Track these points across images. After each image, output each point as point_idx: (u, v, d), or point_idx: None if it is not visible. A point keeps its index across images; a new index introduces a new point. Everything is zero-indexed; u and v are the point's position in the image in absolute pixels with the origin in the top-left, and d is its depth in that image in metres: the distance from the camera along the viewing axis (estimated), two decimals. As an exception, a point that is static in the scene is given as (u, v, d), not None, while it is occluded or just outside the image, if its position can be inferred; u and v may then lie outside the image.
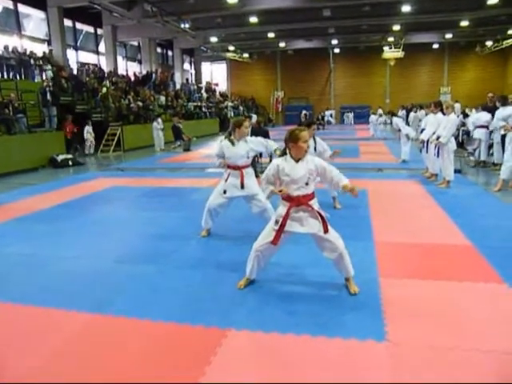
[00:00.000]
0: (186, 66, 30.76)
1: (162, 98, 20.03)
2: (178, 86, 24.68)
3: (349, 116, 32.05)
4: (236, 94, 32.70)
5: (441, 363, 2.31)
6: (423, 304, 2.96)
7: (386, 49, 28.11)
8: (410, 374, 2.23)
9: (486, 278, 3.35)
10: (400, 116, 12.77)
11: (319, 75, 33.47)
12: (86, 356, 2.47)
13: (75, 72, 17.43)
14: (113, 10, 18.90)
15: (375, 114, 21.42)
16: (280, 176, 3.05)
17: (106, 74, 18.98)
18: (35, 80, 14.45)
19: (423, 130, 8.20)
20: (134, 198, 7.06)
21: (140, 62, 24.64)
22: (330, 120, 31.12)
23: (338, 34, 26.40)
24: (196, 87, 26.84)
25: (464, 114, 14.10)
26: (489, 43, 28.04)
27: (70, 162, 11.10)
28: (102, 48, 21.84)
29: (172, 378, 2.24)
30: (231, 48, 28.95)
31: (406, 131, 10.11)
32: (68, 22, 19.01)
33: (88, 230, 5.09)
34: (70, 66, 17.45)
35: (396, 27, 23.52)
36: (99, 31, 21.72)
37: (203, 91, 27.28)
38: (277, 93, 33.78)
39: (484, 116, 8.94)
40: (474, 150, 9.10)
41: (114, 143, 14.40)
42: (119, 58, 22.67)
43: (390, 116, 11.23)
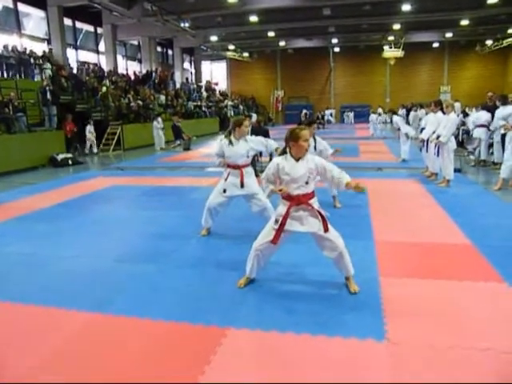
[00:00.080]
0: (186, 65, 30.75)
1: (162, 97, 20.03)
2: (177, 85, 24.69)
3: (349, 115, 32.04)
4: (236, 93, 32.70)
5: (441, 362, 2.31)
6: (423, 303, 2.96)
7: (386, 48, 28.12)
8: (409, 373, 2.23)
9: (486, 277, 3.35)
10: (400, 115, 12.75)
11: (319, 74, 33.47)
12: (86, 355, 2.47)
13: (75, 71, 17.44)
14: (113, 8, 18.89)
15: (375, 113, 21.40)
16: (280, 175, 3.05)
17: (106, 73, 18.98)
18: (35, 79, 14.45)
19: (423, 129, 8.20)
20: (133, 197, 7.06)
21: (140, 61, 24.64)
22: (330, 119, 31.12)
23: (338, 32, 26.41)
24: (196, 86, 26.85)
25: (464, 113, 14.10)
26: (489, 42, 28.06)
27: (70, 162, 11.10)
28: (101, 47, 21.84)
29: (172, 378, 2.24)
30: (231, 47, 28.95)
31: (405, 130, 10.10)
32: (68, 21, 19.01)
33: (88, 230, 5.09)
34: (69, 65, 17.45)
35: (396, 26, 23.53)
36: (99, 30, 21.71)
37: (203, 90, 27.28)
38: (277, 92, 33.77)
39: (484, 115, 8.94)
40: (474, 149, 9.10)
41: (114, 142, 14.40)
42: (119, 57, 22.67)
43: (390, 114, 11.20)
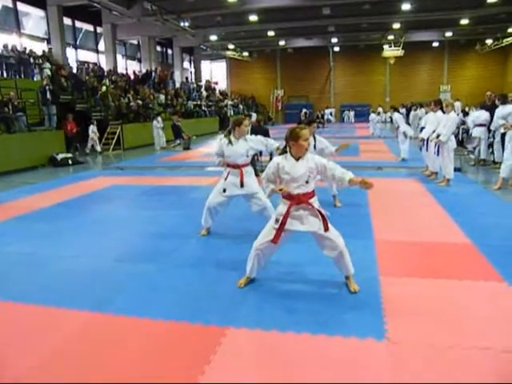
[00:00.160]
0: (186, 64, 30.74)
1: (162, 97, 20.03)
2: (177, 85, 24.69)
3: (349, 114, 32.03)
4: (236, 93, 32.69)
5: (440, 362, 2.31)
6: (423, 302, 2.96)
7: (386, 47, 28.11)
8: (409, 372, 2.23)
9: (486, 276, 3.35)
10: (401, 113, 12.71)
11: (319, 74, 33.47)
12: (86, 355, 2.47)
13: (75, 70, 17.43)
14: (112, 8, 18.87)
15: (375, 112, 21.40)
16: (280, 174, 3.04)
17: (106, 73, 18.97)
18: (34, 79, 14.44)
19: (423, 128, 8.19)
20: (133, 197, 7.06)
21: (140, 60, 24.63)
22: (330, 118, 31.12)
23: (338, 32, 26.40)
24: (196, 86, 26.84)
25: (464, 112, 14.10)
26: (489, 41, 28.06)
27: (70, 161, 11.09)
28: (101, 46, 21.83)
29: (171, 377, 2.24)
30: (231, 46, 28.93)
31: (403, 129, 10.09)
32: (67, 21, 19.00)
33: (88, 229, 5.09)
34: (69, 64, 17.44)
35: (396, 25, 23.52)
36: (99, 30, 21.71)
37: (203, 90, 27.27)
38: (277, 91, 33.76)
39: (483, 114, 8.94)
40: (474, 149, 9.10)
41: (114, 142, 14.40)
42: (119, 57, 22.66)
43: (392, 111, 11.16)
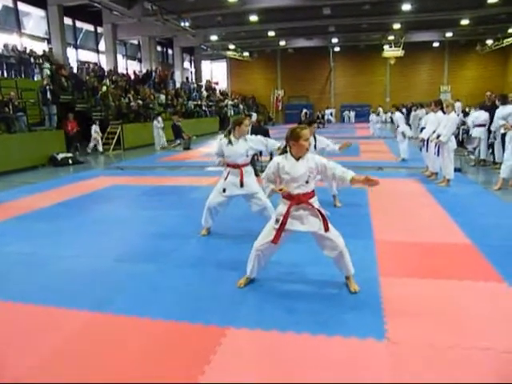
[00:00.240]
0: (186, 64, 30.74)
1: (162, 97, 20.03)
2: (178, 85, 24.69)
3: (350, 115, 32.03)
4: (236, 93, 32.68)
5: (440, 362, 2.31)
6: (423, 303, 2.96)
7: (387, 47, 28.08)
8: (409, 372, 2.23)
9: (486, 276, 3.35)
10: (403, 112, 12.69)
11: (319, 74, 33.47)
12: (86, 355, 2.47)
13: (75, 70, 17.44)
14: (113, 8, 18.87)
15: (375, 112, 21.40)
16: (280, 174, 3.04)
17: (106, 73, 18.98)
18: (35, 78, 14.44)
19: (423, 128, 8.19)
20: (133, 197, 7.06)
21: (140, 60, 24.63)
22: (330, 119, 31.12)
23: (339, 32, 26.40)
24: (196, 86, 26.84)
25: (464, 112, 14.10)
26: (489, 42, 28.04)
27: (70, 161, 11.10)
28: (101, 46, 21.84)
29: (171, 377, 2.24)
30: (231, 46, 28.93)
31: (402, 129, 10.08)
32: (68, 21, 19.01)
33: (88, 229, 5.09)
34: (69, 64, 17.44)
35: (396, 26, 23.51)
36: (99, 29, 21.71)
37: (203, 90, 27.26)
38: (277, 91, 33.75)
39: (482, 115, 8.94)
40: (474, 149, 9.10)
41: (114, 142, 14.40)
42: (119, 57, 22.67)
43: (394, 109, 11.13)
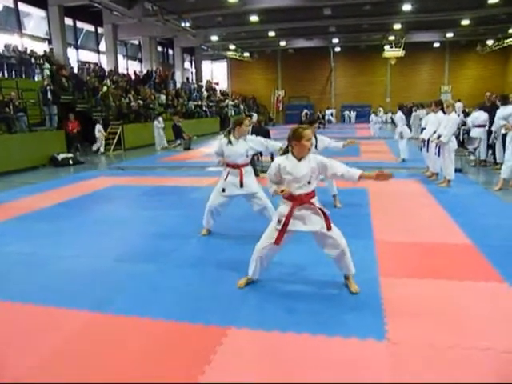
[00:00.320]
0: (187, 64, 30.75)
1: (163, 97, 20.04)
2: (178, 85, 24.70)
3: (350, 115, 32.03)
4: (236, 93, 32.68)
5: (441, 362, 2.30)
6: (423, 303, 2.95)
7: (387, 48, 28.07)
8: (410, 372, 2.22)
9: (487, 277, 3.35)
10: (405, 113, 12.63)
11: (320, 74, 33.46)
12: (86, 355, 2.47)
13: (76, 71, 17.44)
14: (113, 8, 18.88)
15: (375, 113, 21.39)
16: (282, 175, 3.02)
17: (107, 73, 18.99)
18: (36, 79, 14.45)
19: (423, 129, 8.18)
20: (134, 197, 7.06)
21: (140, 60, 24.64)
22: (331, 119, 31.12)
23: (339, 32, 26.39)
24: (196, 86, 26.84)
25: (465, 113, 14.09)
26: (490, 42, 28.02)
27: (71, 161, 11.10)
28: (102, 47, 21.85)
29: (172, 377, 2.24)
30: (232, 47, 28.93)
31: (400, 129, 10.05)
32: (68, 21, 19.02)
33: (88, 229, 5.09)
34: (70, 64, 17.45)
35: (397, 26, 23.50)
36: (100, 30, 21.71)
37: (204, 90, 27.27)
38: (277, 92, 33.75)
39: (482, 115, 8.93)
40: (475, 150, 9.09)
41: (115, 142, 14.41)
42: (120, 57, 22.67)
43: (397, 109, 11.09)
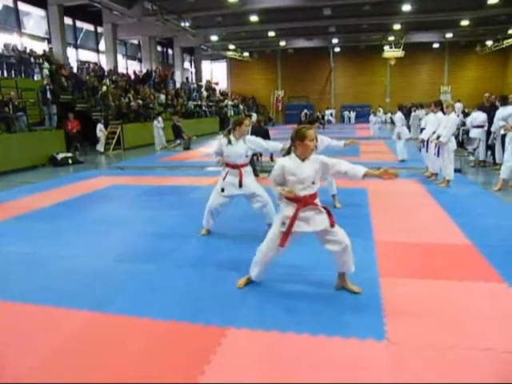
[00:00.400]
0: (186, 64, 30.73)
1: (162, 97, 20.03)
2: (178, 85, 24.69)
3: (350, 115, 32.04)
4: (236, 93, 32.67)
5: (440, 362, 2.31)
6: (423, 303, 2.96)
7: (387, 48, 28.08)
8: (409, 373, 2.23)
9: (486, 277, 3.35)
10: (404, 113, 12.64)
11: (319, 74, 33.47)
12: (86, 355, 2.47)
13: (75, 70, 17.43)
14: (113, 8, 18.87)
15: (374, 113, 21.41)
16: (286, 176, 2.95)
17: (106, 73, 18.97)
18: (35, 78, 14.43)
19: (423, 129, 8.19)
20: (134, 197, 7.06)
21: (140, 60, 24.63)
22: (331, 119, 31.12)
23: (339, 33, 26.40)
24: (196, 86, 26.84)
25: (464, 113, 14.09)
26: (489, 43, 28.03)
27: (70, 161, 11.10)
28: (102, 46, 21.83)
29: (172, 377, 2.24)
30: (231, 47, 28.92)
31: (398, 129, 10.02)
32: (68, 20, 19.00)
33: (88, 229, 5.09)
34: (70, 64, 17.44)
35: (396, 26, 23.50)
36: (99, 29, 21.70)
37: (203, 90, 27.26)
38: (277, 92, 33.74)
39: (480, 116, 8.93)
40: (474, 150, 9.10)
41: (114, 142, 14.40)
42: (119, 57, 22.65)
43: (398, 108, 11.06)
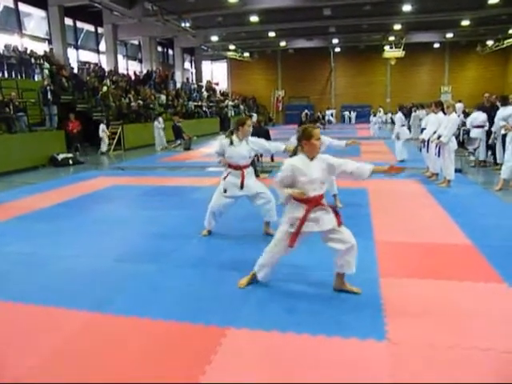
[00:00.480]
0: (187, 64, 30.74)
1: (163, 97, 20.03)
2: (178, 85, 24.69)
3: (351, 115, 32.05)
4: (236, 93, 32.68)
5: (440, 362, 2.30)
6: (423, 303, 2.96)
7: (387, 48, 28.07)
8: (410, 372, 2.23)
9: (486, 277, 3.35)
10: (405, 113, 12.63)
11: (320, 74, 33.46)
12: (86, 355, 2.47)
13: (76, 71, 17.42)
14: (113, 8, 18.88)
15: (374, 113, 21.42)
16: (296, 176, 2.89)
17: (107, 73, 18.98)
18: (36, 79, 14.44)
19: (423, 129, 8.18)
20: (134, 197, 7.06)
21: (140, 60, 24.64)
22: (331, 119, 31.13)
23: (339, 33, 26.39)
24: (196, 86, 26.85)
25: (465, 113, 14.08)
26: (490, 43, 28.02)
27: (71, 161, 11.10)
28: (102, 47, 21.85)
29: (172, 377, 2.24)
30: (232, 47, 28.93)
31: (397, 130, 9.99)
32: (69, 21, 19.02)
33: (88, 229, 5.09)
34: (70, 64, 17.45)
35: (397, 26, 23.50)
36: (100, 30, 21.71)
37: (204, 90, 27.27)
38: (277, 92, 33.76)
39: (480, 116, 8.93)
40: (475, 150, 9.09)
41: (115, 142, 14.41)
42: (120, 57, 22.67)
43: (398, 108, 11.05)
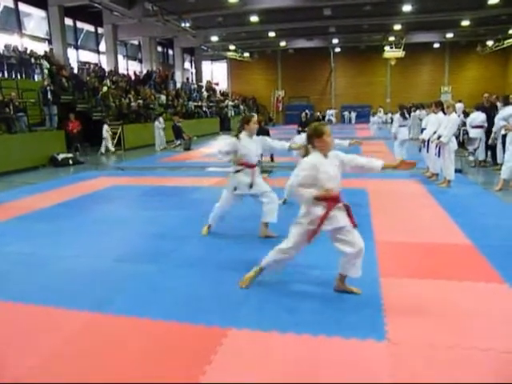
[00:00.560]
0: (187, 64, 30.75)
1: (163, 97, 20.03)
2: (178, 85, 24.70)
3: (351, 115, 32.06)
4: (236, 93, 32.68)
5: (441, 362, 2.30)
6: (424, 303, 2.96)
7: (387, 48, 28.08)
8: (410, 372, 2.22)
9: (487, 277, 3.35)
10: (404, 114, 12.57)
11: (320, 74, 33.46)
12: (86, 355, 2.46)
13: (76, 71, 17.43)
14: (113, 8, 18.88)
15: (374, 113, 21.43)
16: (318, 174, 2.84)
17: (107, 73, 18.99)
18: (35, 79, 14.44)
19: (423, 129, 8.18)
20: (134, 197, 7.06)
21: (140, 60, 24.64)
22: (332, 119, 31.13)
23: (339, 33, 26.41)
24: (196, 86, 26.85)
25: (465, 113, 14.07)
26: (490, 43, 28.03)
27: (71, 161, 11.10)
28: (102, 47, 21.85)
29: (172, 377, 2.24)
30: (232, 47, 28.95)
31: (394, 130, 9.95)
32: (69, 21, 19.02)
33: (88, 229, 5.09)
34: (70, 64, 17.45)
35: (397, 27, 23.52)
36: (100, 30, 21.71)
37: (204, 90, 27.28)
38: (277, 92, 33.77)
39: (480, 116, 8.92)
40: (475, 150, 9.09)
41: (115, 142, 14.41)
42: (120, 57, 22.67)
43: (398, 108, 11.00)
